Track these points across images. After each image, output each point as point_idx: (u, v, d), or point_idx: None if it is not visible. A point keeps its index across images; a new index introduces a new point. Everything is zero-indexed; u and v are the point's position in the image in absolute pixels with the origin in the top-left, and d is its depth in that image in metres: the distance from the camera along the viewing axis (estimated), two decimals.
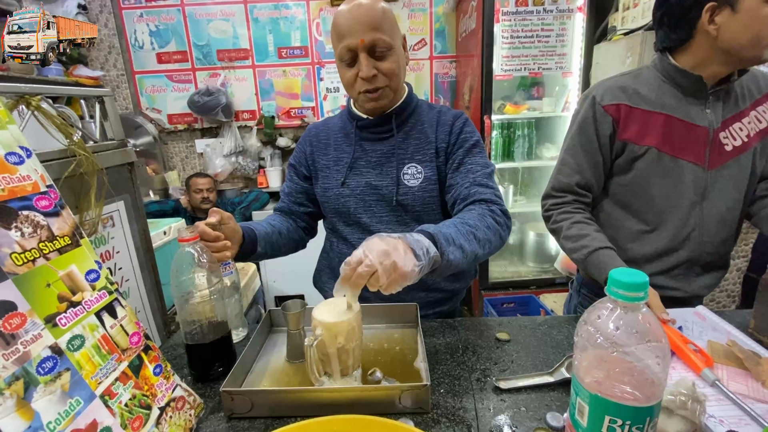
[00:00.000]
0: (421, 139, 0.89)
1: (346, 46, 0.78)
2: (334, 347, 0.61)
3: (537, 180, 2.56)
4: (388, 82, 0.82)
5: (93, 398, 0.45)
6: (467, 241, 0.68)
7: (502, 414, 0.58)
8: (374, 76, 0.80)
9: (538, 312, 2.07)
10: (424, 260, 0.58)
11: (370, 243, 0.58)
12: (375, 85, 0.81)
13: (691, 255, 0.92)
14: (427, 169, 0.88)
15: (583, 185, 0.95)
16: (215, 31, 2.65)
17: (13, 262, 0.41)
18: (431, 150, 0.88)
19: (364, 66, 0.78)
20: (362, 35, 0.76)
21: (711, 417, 0.54)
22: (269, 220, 0.94)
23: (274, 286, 2.58)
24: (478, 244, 0.70)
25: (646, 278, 0.36)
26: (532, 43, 2.13)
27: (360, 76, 0.80)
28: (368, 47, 0.78)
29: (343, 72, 0.84)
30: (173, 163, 2.89)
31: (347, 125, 0.94)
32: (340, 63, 0.83)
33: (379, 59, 0.80)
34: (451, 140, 0.88)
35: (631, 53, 1.71)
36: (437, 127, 0.90)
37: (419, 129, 0.90)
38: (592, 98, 0.93)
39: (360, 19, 0.76)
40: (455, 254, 0.64)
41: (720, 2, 0.77)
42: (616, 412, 0.37)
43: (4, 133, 0.47)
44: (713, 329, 0.76)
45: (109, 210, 0.73)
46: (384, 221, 0.90)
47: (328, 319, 0.61)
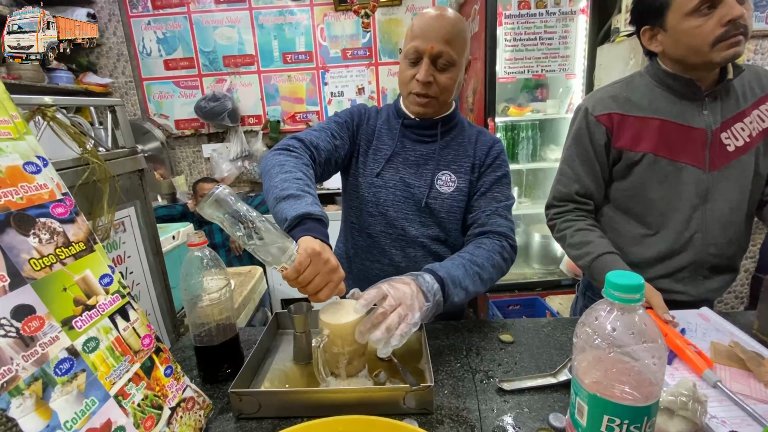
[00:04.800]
0: (459, 151, 0.93)
1: (415, 47, 0.83)
2: (340, 348, 0.62)
3: (541, 181, 2.56)
4: (439, 95, 0.86)
5: (107, 398, 0.46)
6: (472, 282, 0.75)
7: (506, 415, 0.59)
8: (429, 84, 0.84)
9: (544, 314, 2.06)
10: (431, 303, 0.66)
11: (396, 284, 0.66)
12: (426, 92, 0.85)
13: (696, 258, 0.91)
14: (460, 180, 0.92)
15: (582, 193, 0.97)
16: (221, 37, 2.69)
17: (31, 268, 0.43)
18: (468, 163, 0.92)
19: (423, 70, 0.83)
20: (433, 43, 0.81)
21: (713, 417, 0.54)
22: (306, 188, 0.73)
23: (280, 289, 2.60)
24: (481, 283, 0.77)
25: (641, 280, 0.37)
26: (535, 45, 2.13)
27: (417, 78, 0.84)
28: (434, 56, 0.82)
29: (404, 68, 0.88)
30: (181, 167, 2.93)
31: (392, 120, 0.96)
32: (404, 60, 0.88)
33: (440, 70, 0.84)
34: (487, 161, 0.93)
35: (634, 55, 1.71)
36: (476, 144, 0.94)
37: (459, 141, 0.94)
38: (585, 109, 0.95)
39: (437, 27, 0.81)
40: (459, 295, 0.72)
41: (653, 25, 0.86)
42: (615, 411, 0.38)
43: (22, 144, 0.49)
44: (716, 330, 0.76)
45: (121, 216, 0.75)
46: (409, 219, 0.92)
47: (335, 321, 0.62)
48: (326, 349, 0.63)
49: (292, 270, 0.57)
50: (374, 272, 0.96)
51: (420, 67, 0.83)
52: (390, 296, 0.62)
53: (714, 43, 0.79)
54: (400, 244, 0.93)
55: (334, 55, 2.74)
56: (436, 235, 0.93)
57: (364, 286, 0.99)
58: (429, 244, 0.93)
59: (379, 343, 0.59)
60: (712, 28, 0.78)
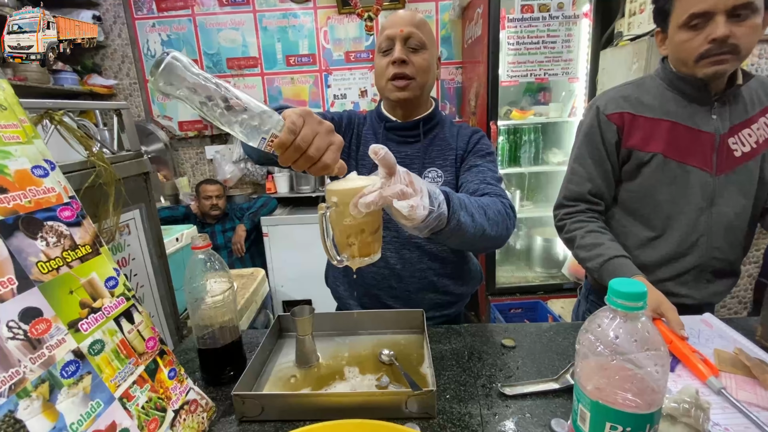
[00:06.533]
0: (443, 146, 0.95)
1: (386, 35, 0.89)
2: (350, 219, 0.55)
3: (544, 185, 2.56)
4: (416, 74, 0.89)
5: (112, 401, 0.47)
6: (478, 213, 0.68)
7: (507, 420, 0.59)
8: (405, 62, 0.88)
9: (546, 318, 2.06)
10: (434, 207, 0.56)
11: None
12: (404, 71, 0.87)
13: (700, 261, 0.92)
14: (447, 174, 0.93)
15: (594, 193, 0.97)
16: (225, 40, 2.70)
17: (39, 271, 0.44)
18: (452, 156, 0.94)
19: (397, 50, 0.88)
20: (402, 26, 0.88)
21: (716, 425, 0.54)
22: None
23: (282, 291, 2.60)
24: (487, 220, 0.70)
25: (644, 288, 0.37)
26: (538, 49, 2.14)
27: (392, 59, 0.88)
28: (405, 37, 0.88)
29: (378, 62, 0.92)
30: (184, 169, 2.94)
31: (376, 125, 0.98)
32: (378, 54, 0.92)
33: (412, 52, 0.89)
34: (469, 148, 0.95)
35: (637, 59, 1.71)
36: (458, 137, 0.96)
37: (442, 137, 0.96)
38: (596, 108, 0.95)
39: (404, 16, 0.90)
40: (465, 219, 0.64)
41: (662, 29, 0.89)
42: (617, 419, 0.38)
43: (30, 148, 0.49)
44: (720, 337, 0.76)
45: (126, 218, 0.76)
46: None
47: (344, 186, 0.56)
48: (335, 223, 0.57)
49: (286, 132, 0.50)
50: (370, 276, 0.96)
51: (393, 51, 0.88)
52: (405, 172, 0.55)
53: (697, 59, 0.82)
54: (395, 246, 0.93)
55: (338, 58, 2.75)
56: None
57: (360, 291, 1.00)
58: (424, 245, 0.93)
59: (371, 195, 0.51)
60: (699, 44, 0.81)
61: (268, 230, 2.51)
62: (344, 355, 0.76)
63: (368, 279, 0.96)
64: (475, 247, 0.84)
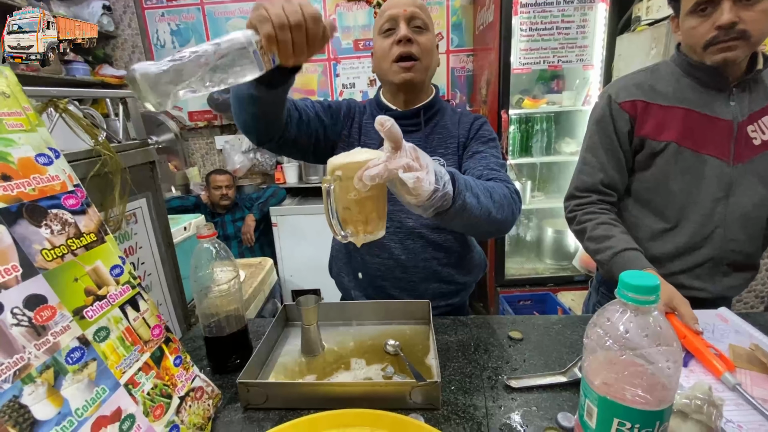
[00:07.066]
0: (444, 134, 0.93)
1: (389, 15, 0.86)
2: (355, 191, 0.53)
3: (556, 176, 2.52)
4: (421, 55, 0.86)
5: (117, 387, 0.47)
6: (483, 195, 0.67)
7: (513, 413, 0.58)
8: (410, 42, 0.85)
9: (555, 310, 2.04)
10: (440, 186, 0.54)
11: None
12: (409, 50, 0.85)
13: (715, 253, 0.89)
14: (449, 162, 0.91)
15: (607, 184, 0.94)
16: (233, 28, 2.68)
17: (43, 258, 0.44)
18: (454, 144, 0.92)
19: (402, 28, 0.85)
20: (405, 7, 0.85)
21: (729, 422, 0.53)
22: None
23: (290, 281, 2.62)
24: (493, 203, 0.68)
25: (657, 281, 0.35)
26: (551, 35, 2.08)
27: (396, 38, 0.85)
28: (408, 17, 0.85)
29: (380, 44, 0.89)
30: (194, 159, 2.96)
31: (376, 114, 0.95)
32: (378, 36, 0.89)
33: (416, 32, 0.86)
34: (470, 135, 0.93)
35: (656, 44, 1.65)
36: (459, 125, 0.94)
37: (442, 125, 0.94)
38: (608, 96, 0.93)
39: None
40: (470, 199, 0.62)
41: (676, 14, 0.87)
42: (625, 415, 0.37)
43: (34, 136, 0.49)
44: (735, 332, 0.74)
45: (132, 207, 0.76)
46: (405, 210, 0.91)
47: (349, 159, 0.54)
48: (338, 198, 0.55)
49: (259, 23, 0.50)
50: (374, 266, 0.95)
51: (397, 31, 0.85)
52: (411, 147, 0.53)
53: (705, 46, 0.80)
54: (399, 237, 0.92)
55: (346, 46, 2.72)
56: (435, 223, 0.91)
57: (364, 282, 1.00)
58: (428, 234, 0.92)
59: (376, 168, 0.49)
60: (706, 30, 0.78)
61: (277, 220, 2.52)
62: (349, 345, 0.76)
63: (372, 270, 0.95)
64: (480, 231, 0.80)
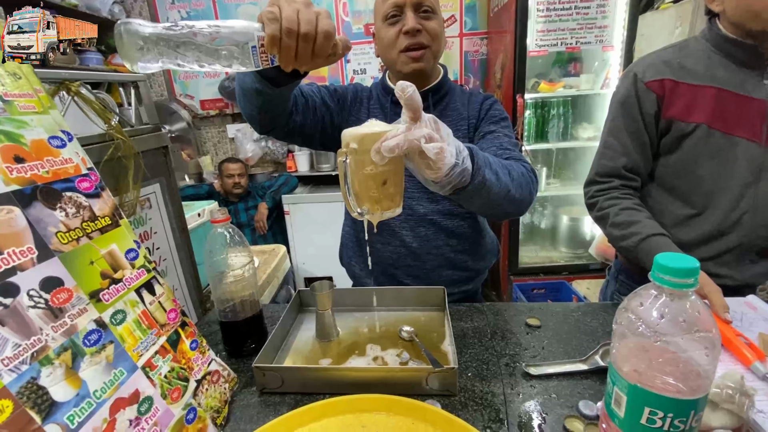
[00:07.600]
0: (454, 116, 0.90)
1: (393, 2, 0.81)
2: (372, 165, 0.50)
3: (572, 162, 2.45)
4: (431, 43, 0.83)
5: (135, 369, 0.47)
6: (502, 172, 0.64)
7: (532, 400, 0.57)
8: (419, 31, 0.81)
9: (570, 299, 2.01)
10: (459, 161, 0.52)
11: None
12: (418, 40, 0.81)
13: (743, 240, 0.85)
14: None
15: (630, 168, 0.90)
16: (244, 15, 2.66)
17: (59, 241, 0.44)
18: (464, 126, 0.89)
19: (409, 19, 0.80)
20: None
21: (760, 412, 0.51)
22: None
23: (303, 268, 2.64)
24: (511, 180, 0.66)
25: (696, 264, 0.33)
26: (569, 15, 2.00)
27: (404, 29, 0.81)
28: (415, 4, 0.81)
29: (385, 32, 0.84)
30: (206, 148, 2.97)
31: (382, 99, 0.93)
32: (383, 24, 0.84)
33: (423, 18, 0.82)
34: (481, 115, 0.90)
35: (681, 23, 1.57)
36: (469, 105, 0.91)
37: (453, 107, 0.91)
38: (634, 75, 0.87)
39: None
40: (490, 176, 0.59)
41: None
42: (658, 403, 0.35)
43: (46, 118, 0.49)
44: (764, 320, 0.71)
45: (146, 192, 0.76)
46: (415, 197, 0.90)
47: (365, 130, 0.51)
48: (354, 173, 0.52)
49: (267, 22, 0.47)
50: (386, 255, 0.94)
51: (403, 19, 0.81)
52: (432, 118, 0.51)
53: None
54: (410, 224, 0.91)
55: (357, 31, 2.67)
56: (448, 209, 0.89)
57: (376, 270, 0.98)
58: (439, 220, 0.90)
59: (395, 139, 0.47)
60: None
61: (289, 208, 2.53)
62: (364, 331, 0.76)
63: (384, 258, 0.94)
64: (497, 211, 0.75)
